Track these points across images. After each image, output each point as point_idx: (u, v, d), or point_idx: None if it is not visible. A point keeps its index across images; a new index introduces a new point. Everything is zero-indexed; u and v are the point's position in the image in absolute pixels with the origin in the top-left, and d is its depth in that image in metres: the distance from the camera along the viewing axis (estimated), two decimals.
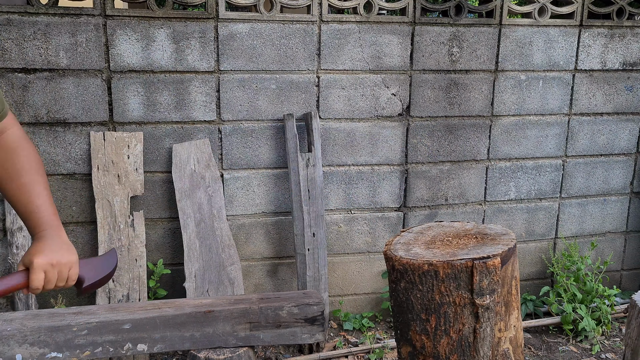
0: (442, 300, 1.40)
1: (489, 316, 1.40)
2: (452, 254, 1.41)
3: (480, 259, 1.36)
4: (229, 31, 2.92)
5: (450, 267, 1.37)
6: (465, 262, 1.36)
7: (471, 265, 1.36)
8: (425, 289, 1.41)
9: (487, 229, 1.59)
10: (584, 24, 3.35)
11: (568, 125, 3.47)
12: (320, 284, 3.07)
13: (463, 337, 1.42)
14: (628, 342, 1.97)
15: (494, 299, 1.39)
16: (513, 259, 1.46)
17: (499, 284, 1.39)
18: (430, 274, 1.39)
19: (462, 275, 1.37)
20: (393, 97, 3.18)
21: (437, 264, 1.38)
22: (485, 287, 1.37)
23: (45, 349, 2.35)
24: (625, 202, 3.67)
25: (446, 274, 1.38)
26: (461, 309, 1.40)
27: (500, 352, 1.47)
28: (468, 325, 1.41)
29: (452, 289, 1.39)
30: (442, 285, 1.39)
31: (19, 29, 2.69)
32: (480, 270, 1.36)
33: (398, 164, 3.26)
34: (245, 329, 2.54)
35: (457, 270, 1.37)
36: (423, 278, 1.40)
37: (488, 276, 1.37)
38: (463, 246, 1.48)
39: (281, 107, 3.06)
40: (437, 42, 3.17)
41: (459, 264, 1.36)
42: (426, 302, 1.42)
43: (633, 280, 3.81)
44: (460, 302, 1.39)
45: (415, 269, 1.41)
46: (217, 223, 3.00)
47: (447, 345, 1.43)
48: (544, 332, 3.31)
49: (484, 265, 1.36)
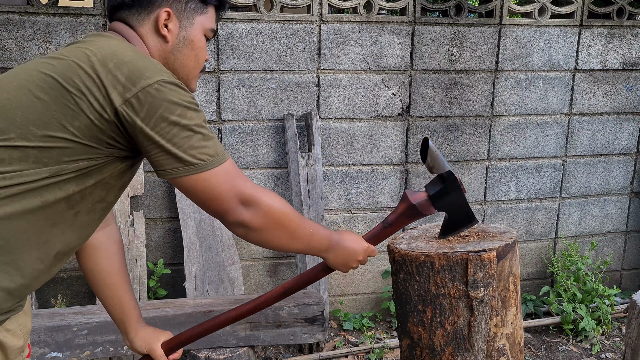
0: (438, 291, 1.44)
1: (483, 310, 1.42)
2: (449, 247, 1.45)
3: (476, 251, 1.40)
4: (229, 31, 2.92)
5: (445, 259, 1.41)
6: (461, 254, 1.40)
7: (466, 257, 1.39)
8: (422, 280, 1.44)
9: (490, 228, 1.62)
10: (584, 24, 3.35)
11: (568, 125, 3.47)
12: (320, 284, 3.08)
13: (458, 329, 1.44)
14: (628, 342, 1.97)
15: (488, 293, 1.41)
16: (511, 256, 1.48)
17: (493, 278, 1.42)
18: (426, 265, 1.43)
19: (457, 267, 1.40)
20: (393, 97, 3.18)
21: (433, 255, 1.41)
22: (480, 280, 1.40)
23: (45, 349, 2.35)
24: (625, 202, 3.67)
25: (442, 265, 1.41)
26: (456, 301, 1.43)
27: (495, 347, 1.48)
28: (463, 317, 1.43)
29: (447, 281, 1.42)
30: (438, 276, 1.42)
31: (19, 28, 2.69)
32: (474, 263, 1.39)
33: (398, 163, 3.26)
34: (245, 329, 2.54)
35: (453, 262, 1.40)
36: (420, 269, 1.44)
37: (483, 269, 1.40)
38: (462, 241, 1.51)
39: (281, 107, 3.06)
40: (437, 42, 3.17)
41: (455, 255, 1.40)
42: (423, 293, 1.46)
43: (633, 280, 3.81)
44: (455, 294, 1.42)
45: (412, 260, 1.45)
46: (217, 223, 3.00)
47: (442, 337, 1.46)
48: (544, 332, 3.31)
49: (478, 257, 1.39)
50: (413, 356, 1.55)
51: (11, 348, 1.13)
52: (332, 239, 1.30)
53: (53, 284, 2.96)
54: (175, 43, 1.22)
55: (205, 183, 1.10)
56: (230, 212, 1.13)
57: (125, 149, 1.11)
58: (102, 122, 1.04)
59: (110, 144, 1.08)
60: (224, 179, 1.11)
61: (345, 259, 1.33)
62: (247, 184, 1.14)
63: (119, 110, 1.03)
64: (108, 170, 1.12)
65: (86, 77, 1.03)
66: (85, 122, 1.04)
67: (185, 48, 1.23)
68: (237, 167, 1.15)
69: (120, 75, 1.03)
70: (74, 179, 1.08)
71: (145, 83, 1.03)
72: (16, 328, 1.14)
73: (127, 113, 1.04)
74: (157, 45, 1.21)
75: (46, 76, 1.05)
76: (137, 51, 1.11)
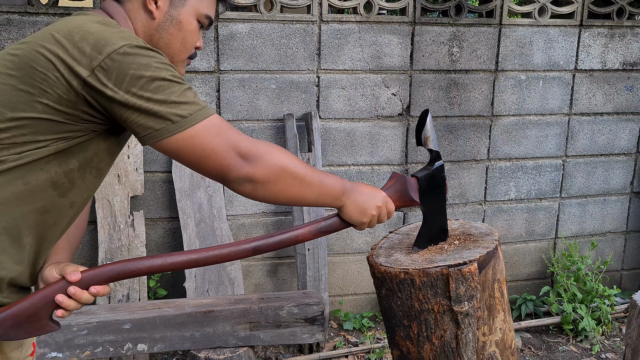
0: (422, 307, 1.39)
1: (469, 322, 1.39)
2: (429, 261, 1.39)
3: (456, 265, 1.34)
4: (229, 31, 2.92)
5: (425, 275, 1.35)
6: (441, 269, 1.34)
7: (447, 272, 1.33)
8: (404, 296, 1.39)
9: (472, 229, 1.57)
10: (584, 24, 3.35)
11: (568, 125, 3.47)
12: (320, 284, 3.08)
13: (445, 343, 1.40)
14: (628, 342, 1.97)
15: (472, 305, 1.37)
16: (494, 262, 1.43)
17: (477, 290, 1.37)
18: (407, 282, 1.37)
19: (439, 283, 1.35)
20: (393, 97, 3.18)
21: (412, 272, 1.36)
22: (463, 294, 1.35)
23: (45, 349, 2.35)
24: (625, 202, 3.67)
25: (422, 282, 1.36)
26: (441, 315, 1.38)
27: (486, 355, 1.45)
28: (449, 331, 1.39)
29: (429, 297, 1.37)
30: (420, 292, 1.37)
31: (19, 29, 2.69)
32: (455, 278, 1.33)
33: (398, 163, 3.26)
34: (245, 329, 2.54)
35: (433, 278, 1.35)
36: (401, 286, 1.39)
37: (464, 283, 1.34)
38: (442, 251, 1.46)
39: (281, 107, 3.06)
40: (437, 42, 3.18)
41: (434, 272, 1.34)
42: (406, 309, 1.41)
43: (633, 280, 3.81)
44: (439, 310, 1.38)
45: (392, 277, 1.39)
46: (217, 223, 3.00)
47: (430, 351, 1.42)
48: (544, 332, 3.31)
49: (459, 272, 1.33)
50: None
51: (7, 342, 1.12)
52: (345, 185, 1.22)
53: None
54: (162, 21, 1.18)
55: (194, 140, 1.03)
56: (230, 167, 1.05)
57: (103, 122, 1.07)
58: (72, 96, 1.01)
59: (85, 119, 1.04)
60: (215, 132, 1.04)
61: (362, 205, 1.23)
62: (242, 137, 1.07)
63: (87, 81, 1.00)
64: (92, 149, 1.09)
65: (50, 54, 1.01)
66: (54, 99, 1.01)
67: (172, 28, 1.20)
68: (226, 122, 1.08)
69: (85, 46, 1.00)
70: (55, 159, 1.06)
71: (110, 49, 1.00)
72: None
73: (96, 83, 1.00)
74: (142, 22, 1.18)
75: (13, 57, 1.04)
76: (108, 22, 1.07)
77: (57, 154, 1.05)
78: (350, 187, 1.23)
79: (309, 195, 1.15)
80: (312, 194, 1.15)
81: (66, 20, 1.07)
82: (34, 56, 1.02)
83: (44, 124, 1.02)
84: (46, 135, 1.03)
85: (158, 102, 1.01)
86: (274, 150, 1.09)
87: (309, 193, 1.14)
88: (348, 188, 1.22)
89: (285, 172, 1.09)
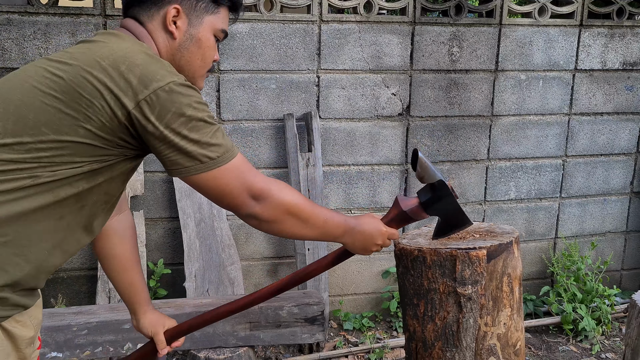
0: (430, 286, 1.49)
1: (471, 307, 1.47)
2: (444, 244, 1.50)
3: (465, 249, 1.44)
4: (229, 31, 2.92)
5: (436, 255, 1.46)
6: (450, 250, 1.45)
7: (455, 254, 1.44)
8: (416, 274, 1.51)
9: (497, 229, 1.65)
10: (584, 24, 3.35)
11: (568, 125, 3.47)
12: (320, 284, 3.08)
13: (447, 325, 1.49)
14: (628, 342, 1.97)
15: (476, 290, 1.46)
16: (506, 256, 1.50)
17: (482, 276, 1.45)
18: (419, 260, 1.49)
19: (447, 263, 1.46)
20: (393, 97, 3.18)
21: (425, 251, 1.48)
22: (468, 277, 1.45)
23: (45, 349, 2.35)
24: (625, 202, 3.67)
25: (432, 261, 1.47)
26: (446, 296, 1.48)
27: (485, 346, 1.50)
28: (452, 314, 1.48)
29: (437, 276, 1.47)
30: (430, 271, 1.48)
31: (19, 28, 2.69)
32: (462, 260, 1.44)
33: (398, 163, 3.26)
34: (245, 329, 2.54)
35: (442, 257, 1.46)
36: (414, 263, 1.51)
37: (470, 266, 1.44)
38: (460, 240, 1.55)
39: (281, 106, 3.06)
40: (437, 42, 3.17)
41: (444, 252, 1.45)
42: (417, 287, 1.52)
43: (633, 280, 3.81)
44: (445, 290, 1.47)
45: (407, 255, 1.52)
46: (217, 223, 3.00)
47: (432, 331, 1.51)
48: (544, 332, 3.31)
49: (466, 255, 1.44)
50: (410, 349, 1.61)
51: (21, 338, 1.15)
52: (347, 225, 1.31)
53: (53, 284, 2.97)
54: (183, 40, 1.24)
55: (216, 180, 1.13)
56: (241, 206, 1.17)
57: (135, 149, 1.14)
58: (114, 125, 1.07)
59: (120, 144, 1.11)
60: (235, 174, 1.14)
61: (363, 243, 1.34)
62: (257, 178, 1.17)
63: (132, 113, 1.06)
64: (119, 168, 1.16)
65: (98, 82, 1.05)
66: (97, 125, 1.07)
67: (192, 46, 1.26)
68: (246, 161, 1.18)
69: (132, 78, 1.06)
70: (85, 177, 1.11)
71: (157, 85, 1.06)
72: (26, 319, 1.16)
73: (139, 115, 1.06)
74: (164, 42, 1.24)
75: (58, 79, 1.07)
76: (148, 53, 1.13)
77: (88, 172, 1.11)
78: (353, 225, 1.32)
79: (311, 234, 1.27)
80: (314, 233, 1.27)
81: (109, 47, 1.11)
82: (80, 82, 1.06)
83: (83, 148, 1.08)
84: (83, 158, 1.09)
85: (192, 141, 1.09)
86: (284, 192, 1.19)
87: (312, 233, 1.26)
88: (350, 227, 1.31)
89: (290, 214, 1.20)
